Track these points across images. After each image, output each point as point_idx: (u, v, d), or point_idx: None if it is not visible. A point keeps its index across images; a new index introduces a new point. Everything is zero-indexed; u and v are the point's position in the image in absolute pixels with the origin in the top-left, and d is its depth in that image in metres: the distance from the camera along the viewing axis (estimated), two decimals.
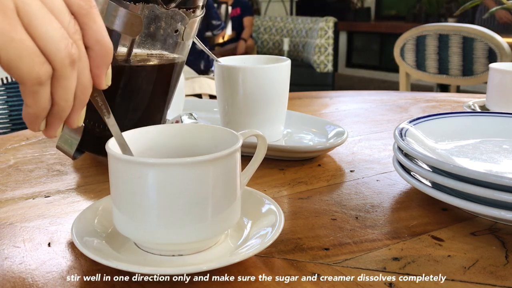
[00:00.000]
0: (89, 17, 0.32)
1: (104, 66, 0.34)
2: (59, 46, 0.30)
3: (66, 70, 0.31)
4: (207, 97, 1.44)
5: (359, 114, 0.95)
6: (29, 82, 0.30)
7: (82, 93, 0.34)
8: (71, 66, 0.31)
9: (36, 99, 0.31)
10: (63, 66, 0.31)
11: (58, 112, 0.33)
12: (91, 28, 0.33)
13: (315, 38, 4.38)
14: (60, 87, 0.32)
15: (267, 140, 0.45)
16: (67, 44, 0.30)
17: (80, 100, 0.34)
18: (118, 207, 0.38)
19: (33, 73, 0.30)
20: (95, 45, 0.33)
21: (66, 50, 0.30)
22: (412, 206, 0.51)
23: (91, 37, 0.33)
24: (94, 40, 0.33)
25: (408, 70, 2.09)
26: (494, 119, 0.63)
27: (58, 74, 0.31)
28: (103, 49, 0.33)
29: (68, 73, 0.31)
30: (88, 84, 0.34)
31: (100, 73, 0.34)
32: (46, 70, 0.30)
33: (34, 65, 0.29)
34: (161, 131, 0.43)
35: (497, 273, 0.38)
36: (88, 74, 0.33)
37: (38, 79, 0.30)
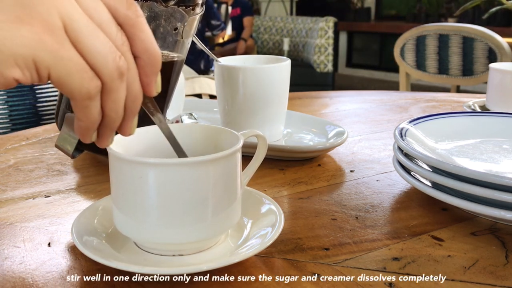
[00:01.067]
0: (136, 27, 0.33)
1: (153, 74, 0.34)
2: (107, 60, 0.30)
3: (115, 83, 0.31)
4: (207, 97, 1.44)
5: (359, 114, 0.95)
6: (80, 97, 0.30)
7: (133, 103, 0.34)
8: (120, 79, 0.31)
9: (86, 113, 0.32)
10: (112, 79, 0.31)
11: (109, 123, 0.33)
12: (139, 37, 0.33)
13: (315, 38, 4.38)
14: (110, 100, 0.32)
15: (267, 140, 0.45)
16: (114, 57, 0.31)
17: (131, 110, 0.34)
18: (118, 207, 0.38)
19: (83, 89, 0.30)
20: (144, 54, 0.33)
21: (114, 63, 0.31)
22: (412, 206, 0.51)
23: (140, 46, 0.33)
24: (142, 49, 0.33)
25: (408, 70, 2.09)
26: (494, 119, 0.63)
27: (107, 88, 0.31)
28: (152, 58, 0.33)
29: (117, 85, 0.32)
30: (138, 94, 0.34)
31: (150, 81, 0.34)
32: (95, 85, 0.30)
33: (83, 81, 0.30)
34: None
35: (497, 273, 0.38)
36: (138, 84, 0.33)
37: (88, 94, 0.30)
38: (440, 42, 1.99)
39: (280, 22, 4.88)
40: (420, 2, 4.92)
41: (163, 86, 0.51)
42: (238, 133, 0.41)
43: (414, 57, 2.07)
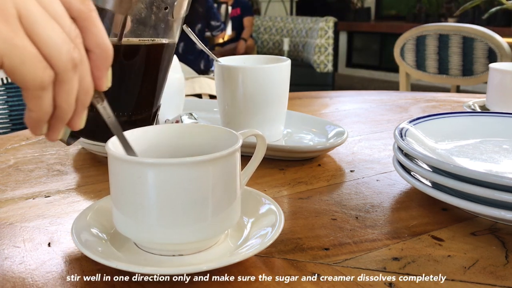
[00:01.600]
0: (89, 21, 0.33)
1: (104, 68, 0.34)
2: (61, 51, 0.31)
3: (69, 74, 0.32)
4: (207, 97, 1.44)
5: (359, 114, 0.95)
6: (32, 87, 0.30)
7: (84, 96, 0.34)
8: (73, 70, 0.32)
9: (39, 104, 0.32)
10: (66, 70, 0.31)
11: (61, 115, 0.34)
12: (91, 31, 0.33)
13: (315, 38, 4.37)
14: (63, 91, 0.32)
15: (266, 140, 0.45)
16: (69, 49, 0.31)
17: (82, 103, 0.34)
18: (118, 207, 0.38)
19: (36, 79, 0.30)
20: (96, 48, 0.33)
21: (68, 55, 0.31)
22: (412, 206, 0.51)
23: (92, 40, 0.33)
24: (94, 43, 0.33)
25: (408, 70, 2.09)
26: (494, 119, 0.63)
27: (60, 78, 0.31)
28: (104, 52, 0.34)
29: (70, 76, 0.32)
30: (89, 87, 0.34)
31: (101, 75, 0.35)
32: (48, 75, 0.31)
33: (36, 70, 0.30)
34: (161, 131, 0.43)
35: (497, 273, 0.38)
36: (89, 77, 0.34)
37: (41, 84, 0.30)
38: (440, 42, 1.99)
39: (280, 22, 4.88)
40: (420, 2, 4.92)
41: (155, 69, 0.51)
42: (237, 132, 0.41)
43: (414, 57, 2.07)
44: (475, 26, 1.92)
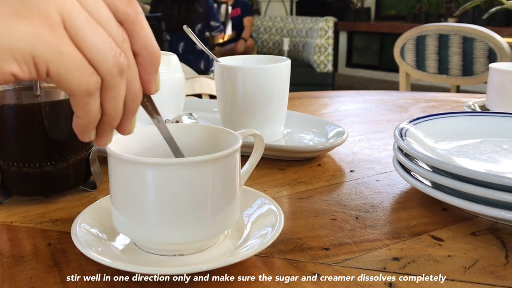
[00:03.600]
0: (136, 24, 0.32)
1: (153, 72, 0.34)
2: (107, 56, 0.30)
3: (115, 80, 0.31)
4: (207, 97, 1.44)
5: (359, 114, 0.95)
6: (79, 93, 0.30)
7: (133, 101, 0.33)
8: (120, 76, 0.31)
9: (86, 110, 0.31)
10: (112, 76, 0.31)
11: (109, 121, 0.33)
12: (138, 35, 0.32)
13: (315, 38, 4.37)
14: (110, 97, 0.32)
15: (266, 140, 0.45)
16: (115, 54, 0.30)
17: (130, 108, 0.34)
18: (118, 207, 0.38)
19: (82, 85, 0.30)
20: (144, 51, 0.33)
21: (114, 60, 0.30)
22: (412, 206, 0.51)
23: (139, 44, 0.33)
24: (142, 46, 0.33)
25: (408, 70, 2.09)
26: (494, 119, 0.63)
27: (107, 84, 0.31)
28: (152, 55, 0.33)
29: (117, 82, 0.31)
30: (138, 92, 0.33)
31: (150, 79, 0.34)
32: (95, 81, 0.30)
33: (83, 77, 0.29)
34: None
35: (497, 273, 0.38)
36: (138, 82, 0.33)
37: (87, 90, 0.30)
38: (440, 42, 1.99)
39: (280, 22, 4.88)
40: (420, 2, 4.91)
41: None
42: (236, 132, 0.41)
43: (414, 57, 2.07)
44: (475, 26, 1.92)
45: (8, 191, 0.50)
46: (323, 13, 4.73)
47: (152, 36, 0.33)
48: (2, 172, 0.49)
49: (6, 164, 0.49)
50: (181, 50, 3.29)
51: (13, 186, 0.50)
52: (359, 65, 5.81)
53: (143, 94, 0.34)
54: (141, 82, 0.34)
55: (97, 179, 0.54)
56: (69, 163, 0.50)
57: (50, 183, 0.50)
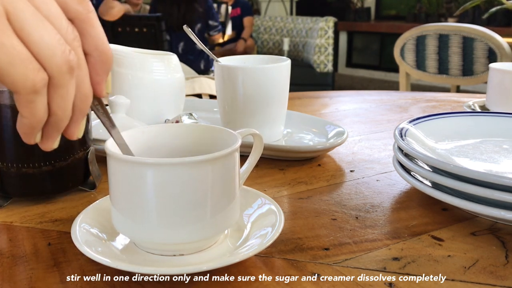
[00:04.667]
0: (87, 23, 0.31)
1: (104, 73, 0.32)
2: (55, 52, 0.28)
3: (64, 78, 0.29)
4: (207, 97, 1.44)
5: (359, 114, 0.95)
6: (24, 90, 0.28)
7: (82, 103, 0.32)
8: (69, 74, 0.29)
9: (31, 109, 0.29)
10: (60, 73, 0.29)
11: (56, 122, 0.31)
12: (90, 34, 0.31)
13: (315, 38, 4.37)
14: (58, 95, 0.30)
15: (266, 140, 0.45)
16: (64, 50, 0.29)
17: (80, 110, 0.32)
18: (117, 207, 0.38)
19: (27, 81, 0.28)
20: (95, 51, 0.32)
21: (63, 56, 0.29)
22: (412, 206, 0.51)
23: (90, 43, 0.31)
24: (93, 46, 0.31)
25: (408, 70, 2.09)
26: (494, 119, 0.63)
27: (55, 82, 0.29)
28: (103, 56, 0.32)
29: (66, 80, 0.30)
30: (88, 93, 0.32)
31: (101, 81, 0.32)
32: (41, 77, 0.28)
33: (27, 72, 0.28)
34: (161, 131, 0.43)
35: (497, 273, 0.38)
36: (88, 83, 0.32)
37: (33, 87, 0.28)
38: (440, 42, 1.99)
39: (280, 22, 4.88)
40: (420, 2, 4.91)
41: None
42: (236, 132, 0.41)
43: (414, 57, 2.07)
44: (475, 26, 1.92)
45: (8, 193, 0.50)
46: (323, 13, 4.73)
47: (104, 36, 0.32)
48: (1, 174, 0.49)
49: (5, 166, 0.49)
50: (181, 50, 3.29)
51: (13, 188, 0.50)
52: (359, 65, 5.81)
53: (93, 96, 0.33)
54: (92, 84, 0.32)
55: (96, 179, 0.54)
56: (68, 163, 0.50)
57: (49, 184, 0.50)
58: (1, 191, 0.50)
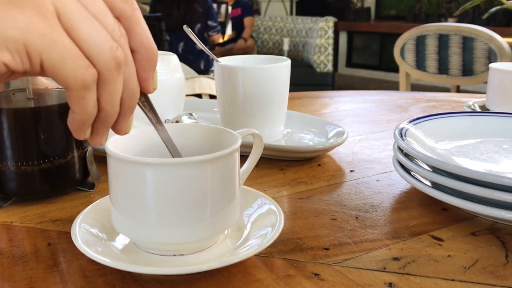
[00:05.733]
0: (133, 20, 0.32)
1: (150, 69, 0.33)
2: (103, 49, 0.29)
3: (112, 74, 0.30)
4: (207, 97, 1.44)
5: (359, 114, 0.95)
6: (75, 86, 0.29)
7: (130, 99, 0.33)
8: (117, 70, 0.30)
9: (82, 105, 0.30)
10: (109, 69, 0.30)
11: (105, 118, 0.32)
12: (135, 31, 0.32)
13: (315, 38, 4.37)
14: (106, 91, 0.31)
15: (266, 140, 0.45)
16: (111, 47, 0.30)
17: (128, 106, 0.33)
18: (117, 207, 0.38)
19: (78, 77, 0.29)
20: (141, 48, 0.32)
21: (111, 53, 0.30)
22: (412, 206, 0.51)
23: (136, 40, 0.32)
24: (139, 43, 0.32)
25: (408, 70, 2.09)
26: (494, 119, 0.63)
27: (104, 78, 0.30)
28: (149, 52, 0.33)
29: (114, 76, 0.30)
30: (135, 89, 0.33)
31: (147, 77, 0.33)
32: (91, 73, 0.29)
33: (78, 68, 0.29)
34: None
35: (497, 273, 0.38)
36: (135, 79, 0.32)
37: (83, 82, 0.29)
38: (440, 42, 1.99)
39: (280, 22, 4.88)
40: (420, 2, 4.91)
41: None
42: (236, 132, 0.41)
43: (414, 57, 2.07)
44: (475, 26, 1.92)
45: (8, 193, 0.50)
46: (323, 13, 4.73)
47: (149, 33, 0.33)
48: (1, 174, 0.49)
49: (4, 165, 0.49)
50: (181, 50, 3.29)
51: (12, 187, 0.50)
52: (359, 65, 5.81)
53: (140, 92, 0.34)
54: (139, 80, 0.33)
55: (95, 179, 0.54)
56: (67, 160, 0.51)
57: (48, 182, 0.50)
58: (1, 192, 0.50)
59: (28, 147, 0.49)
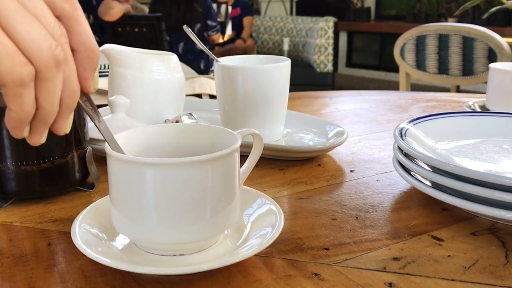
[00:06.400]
0: (74, 20, 0.32)
1: (91, 69, 0.33)
2: (42, 46, 0.29)
3: (51, 72, 0.30)
4: (207, 97, 1.44)
5: (359, 114, 0.95)
6: (11, 83, 0.29)
7: (70, 98, 0.32)
8: (56, 68, 0.30)
9: (19, 102, 0.30)
10: (47, 67, 0.30)
11: (43, 116, 0.32)
12: (76, 30, 0.32)
13: (315, 38, 4.37)
14: (45, 89, 0.30)
15: (266, 140, 0.45)
16: (50, 45, 0.29)
17: (67, 105, 0.33)
18: (117, 207, 0.38)
19: (14, 74, 0.28)
20: (82, 47, 0.32)
21: (50, 51, 0.29)
22: (412, 206, 0.51)
23: (77, 39, 0.32)
24: (80, 42, 0.32)
25: (408, 70, 2.09)
26: (494, 119, 0.63)
27: (42, 76, 0.30)
28: (90, 52, 0.33)
29: (53, 74, 0.30)
30: (75, 89, 0.33)
31: (88, 76, 0.33)
32: (28, 71, 0.29)
33: (14, 65, 0.29)
34: (160, 131, 0.43)
35: (497, 273, 0.38)
36: (75, 78, 0.32)
37: (20, 80, 0.29)
38: (440, 42, 1.99)
39: (280, 22, 4.88)
40: (420, 2, 4.91)
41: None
42: (235, 132, 0.41)
43: (414, 57, 2.07)
44: (475, 26, 1.92)
45: (8, 193, 0.50)
46: (323, 13, 4.73)
47: (90, 32, 0.33)
48: (0, 174, 0.49)
49: (4, 165, 0.49)
50: (180, 50, 3.29)
51: (12, 188, 0.50)
52: (359, 65, 5.81)
53: (81, 92, 0.34)
54: (79, 79, 0.33)
55: (95, 179, 0.54)
56: (67, 160, 0.51)
57: (48, 182, 0.50)
58: (1, 192, 0.50)
59: (28, 147, 0.48)
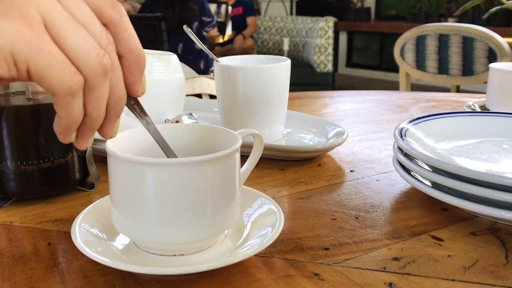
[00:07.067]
0: (120, 26, 0.32)
1: (138, 74, 0.34)
2: (90, 56, 0.30)
3: (98, 80, 0.31)
4: (207, 97, 1.44)
5: (359, 114, 0.95)
6: (61, 92, 0.30)
7: (116, 104, 0.33)
8: (103, 76, 0.31)
9: (68, 110, 0.31)
10: (95, 76, 0.30)
11: (91, 122, 0.33)
12: (123, 37, 0.33)
13: (315, 38, 4.37)
14: (93, 97, 0.31)
15: (266, 140, 0.45)
16: (98, 54, 0.30)
17: (114, 111, 0.34)
18: (117, 207, 0.38)
19: (64, 84, 0.29)
20: (128, 53, 0.33)
21: (97, 60, 0.30)
22: (412, 206, 0.51)
23: (124, 46, 0.33)
24: (127, 49, 0.33)
25: (408, 70, 2.09)
26: (494, 119, 0.63)
27: (90, 84, 0.31)
28: (137, 57, 0.33)
29: (101, 83, 0.31)
30: (122, 95, 0.33)
31: (135, 81, 0.34)
32: (77, 80, 0.30)
33: (64, 75, 0.29)
34: (160, 131, 0.43)
35: (497, 273, 0.38)
36: (122, 85, 0.33)
37: (69, 89, 0.30)
38: (440, 42, 1.99)
39: (280, 22, 4.88)
40: (420, 2, 4.91)
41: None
42: (236, 132, 0.41)
43: (414, 57, 2.07)
44: (475, 26, 1.92)
45: (8, 193, 0.50)
46: (323, 13, 4.73)
47: (136, 38, 0.33)
48: (0, 174, 0.49)
49: (4, 165, 0.49)
50: (180, 50, 3.29)
51: (12, 188, 0.50)
52: (359, 65, 5.81)
53: (129, 96, 0.34)
54: (126, 84, 0.34)
55: (95, 179, 0.54)
56: (67, 160, 0.51)
57: (48, 182, 0.50)
58: (1, 192, 0.50)
59: (28, 147, 0.49)
